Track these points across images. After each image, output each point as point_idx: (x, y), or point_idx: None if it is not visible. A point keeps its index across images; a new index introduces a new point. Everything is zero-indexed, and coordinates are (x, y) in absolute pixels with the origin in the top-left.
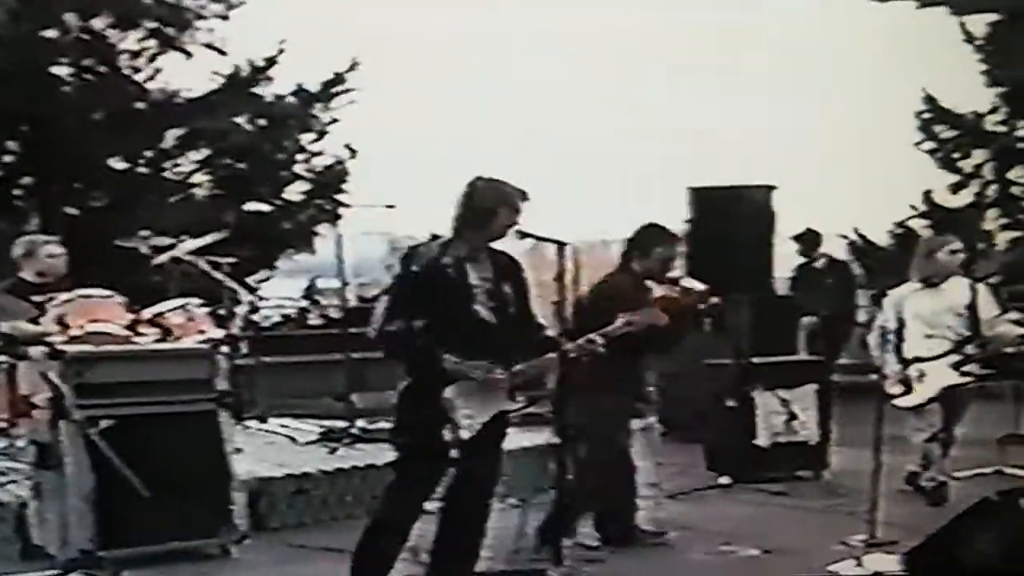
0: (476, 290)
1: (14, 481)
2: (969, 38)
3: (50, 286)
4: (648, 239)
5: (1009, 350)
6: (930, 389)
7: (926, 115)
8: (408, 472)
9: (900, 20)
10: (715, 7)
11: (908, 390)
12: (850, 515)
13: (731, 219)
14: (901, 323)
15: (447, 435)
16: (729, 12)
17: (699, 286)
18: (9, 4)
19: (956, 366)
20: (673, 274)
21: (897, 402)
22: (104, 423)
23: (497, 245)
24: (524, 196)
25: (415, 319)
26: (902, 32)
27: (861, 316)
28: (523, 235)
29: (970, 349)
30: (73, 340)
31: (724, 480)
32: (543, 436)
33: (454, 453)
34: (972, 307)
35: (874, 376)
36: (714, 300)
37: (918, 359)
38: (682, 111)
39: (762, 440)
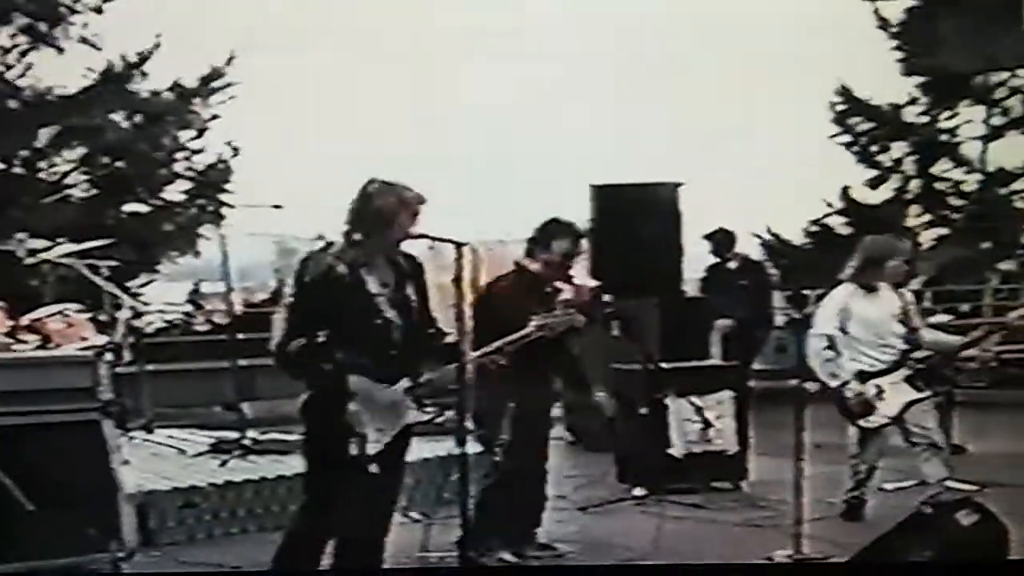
0: (377, 298)
1: None
2: (884, 24)
3: None
4: (549, 234)
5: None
6: (891, 407)
7: (841, 106)
8: (316, 485)
9: (811, 5)
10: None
11: (869, 409)
12: (773, 528)
13: (636, 218)
14: (844, 330)
15: (354, 449)
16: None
17: (590, 282)
18: None
19: (909, 380)
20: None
21: (862, 423)
22: None
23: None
24: (421, 199)
25: (315, 334)
26: (813, 18)
27: (778, 319)
28: (418, 236)
29: (914, 360)
30: None
31: (637, 491)
32: (446, 446)
33: (372, 468)
34: (905, 314)
35: (793, 381)
36: (605, 298)
37: (864, 374)
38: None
39: (676, 449)
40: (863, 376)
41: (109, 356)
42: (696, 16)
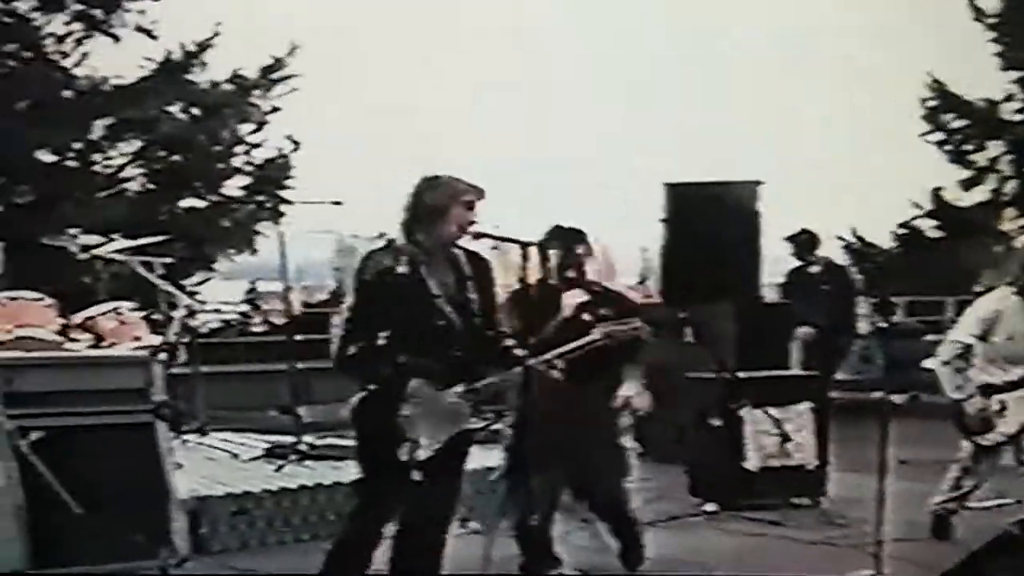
0: (437, 298)
1: None
2: (980, 16)
3: None
4: (546, 241)
5: None
6: (1011, 424)
7: (932, 102)
8: (367, 491)
9: None
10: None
11: (989, 426)
12: (854, 548)
13: (712, 218)
14: (984, 339)
15: (404, 454)
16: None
17: (576, 299)
18: None
19: None
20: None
21: (979, 440)
22: (35, 435)
23: (459, 246)
24: (480, 194)
25: (375, 336)
26: (904, 11)
27: (861, 327)
28: (481, 235)
29: None
30: (1, 345)
31: (709, 507)
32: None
33: (416, 475)
34: None
35: (878, 393)
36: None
37: (991, 387)
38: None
39: (751, 463)
40: (989, 389)
41: (163, 356)
42: (784, 9)
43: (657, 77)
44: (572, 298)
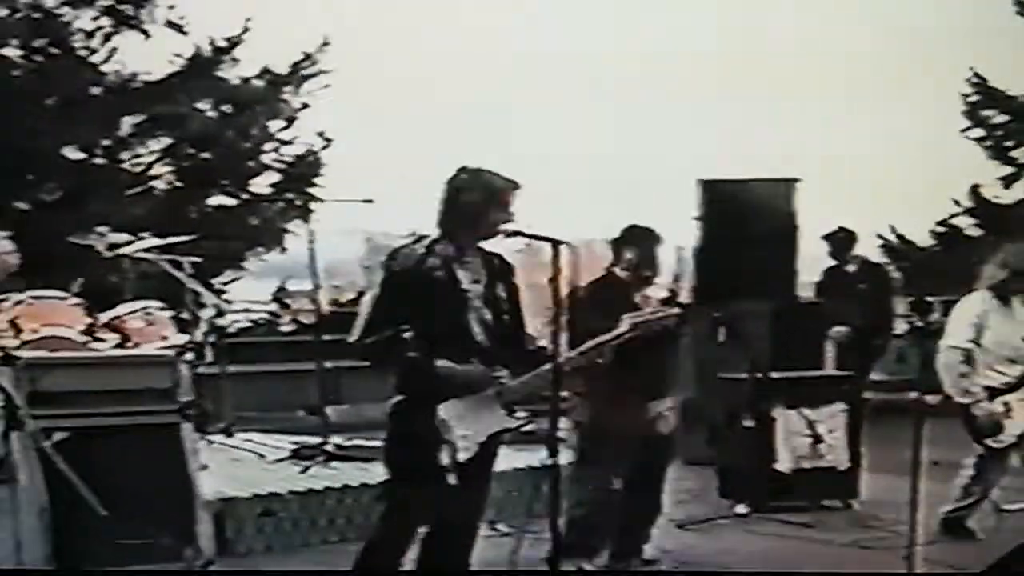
0: (468, 295)
1: None
2: (1022, 9)
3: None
4: (624, 239)
5: None
6: (1018, 425)
7: (974, 97)
8: (401, 493)
9: None
10: None
11: (1000, 429)
12: (886, 551)
13: (747, 216)
14: (978, 343)
15: (443, 457)
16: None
17: (659, 295)
18: None
19: None
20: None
21: (991, 442)
22: (59, 435)
23: (486, 245)
24: (516, 187)
25: (401, 327)
26: (945, 6)
27: (899, 326)
28: (513, 233)
29: None
30: (26, 345)
31: (740, 509)
32: (538, 456)
33: (452, 478)
34: None
35: (912, 394)
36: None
37: (993, 390)
38: (701, 101)
39: (783, 464)
40: (992, 393)
41: (190, 356)
42: (821, 5)
43: (694, 73)
44: (656, 292)
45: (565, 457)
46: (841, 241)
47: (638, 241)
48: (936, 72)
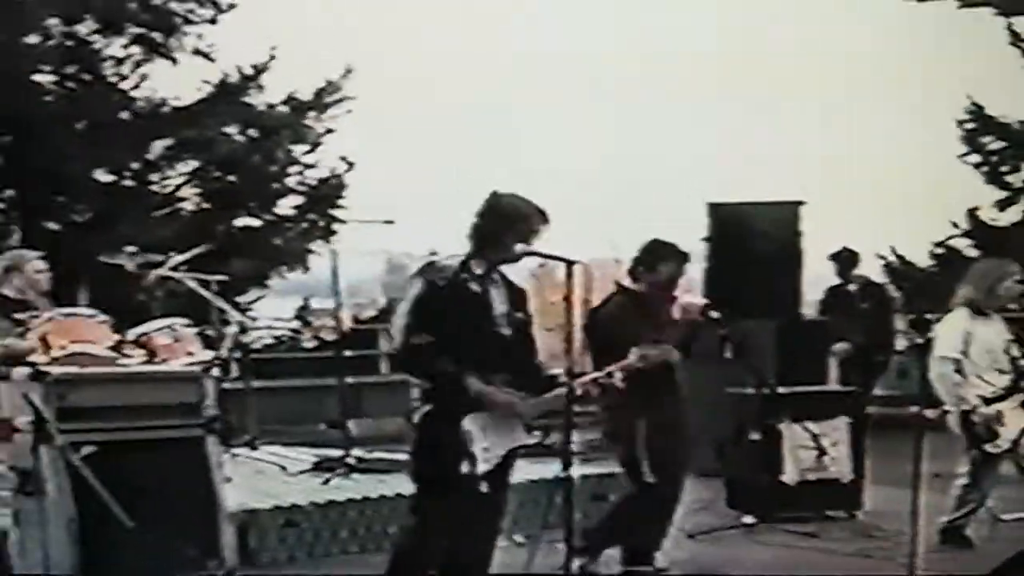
0: (498, 316)
1: None
2: (1017, 40)
3: (31, 304)
4: (653, 256)
5: None
6: (1012, 431)
7: (970, 125)
8: (426, 505)
9: (941, 21)
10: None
11: (996, 435)
12: (888, 560)
13: (754, 237)
14: (966, 354)
15: (464, 468)
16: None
17: (699, 300)
18: None
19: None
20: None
21: (989, 448)
22: (87, 449)
23: (505, 270)
24: (544, 217)
25: (437, 341)
26: (943, 34)
27: (899, 343)
28: (529, 253)
29: None
30: (56, 361)
31: (747, 519)
32: (552, 468)
33: (483, 487)
34: (1017, 338)
35: (913, 408)
36: (713, 314)
37: (985, 399)
38: (703, 124)
39: (789, 476)
40: (984, 402)
41: (215, 371)
42: (819, 30)
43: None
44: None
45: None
46: (846, 260)
47: (668, 257)
48: (935, 99)
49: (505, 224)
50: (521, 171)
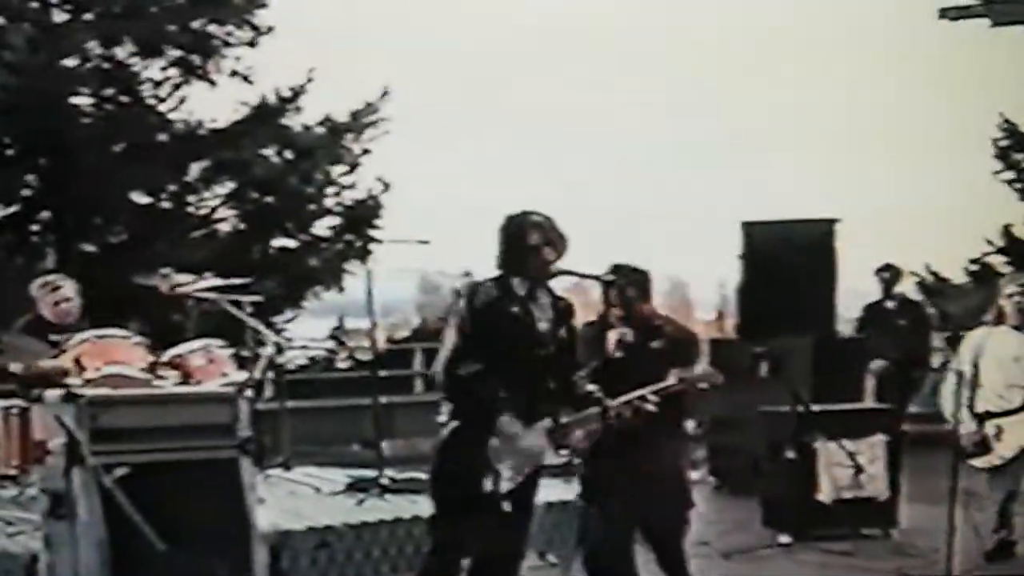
0: (540, 335)
1: (23, 532)
2: None
3: (67, 326)
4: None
5: None
6: (1008, 447)
7: (1004, 142)
8: (448, 524)
9: (973, 40)
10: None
11: (985, 449)
12: None
13: (788, 255)
14: (976, 368)
15: (488, 485)
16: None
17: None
18: (28, 32)
19: None
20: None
21: (975, 463)
22: (120, 471)
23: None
24: (560, 233)
25: (483, 362)
26: (976, 53)
27: (936, 360)
28: (564, 272)
29: None
30: (89, 382)
31: (783, 538)
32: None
33: (505, 505)
34: None
35: (949, 426)
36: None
37: (989, 414)
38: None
39: (825, 495)
40: (987, 416)
41: (249, 392)
42: (863, 54)
43: (741, 120)
44: (613, 335)
45: None
46: (890, 277)
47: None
48: (970, 118)
49: (526, 245)
50: (551, 195)
